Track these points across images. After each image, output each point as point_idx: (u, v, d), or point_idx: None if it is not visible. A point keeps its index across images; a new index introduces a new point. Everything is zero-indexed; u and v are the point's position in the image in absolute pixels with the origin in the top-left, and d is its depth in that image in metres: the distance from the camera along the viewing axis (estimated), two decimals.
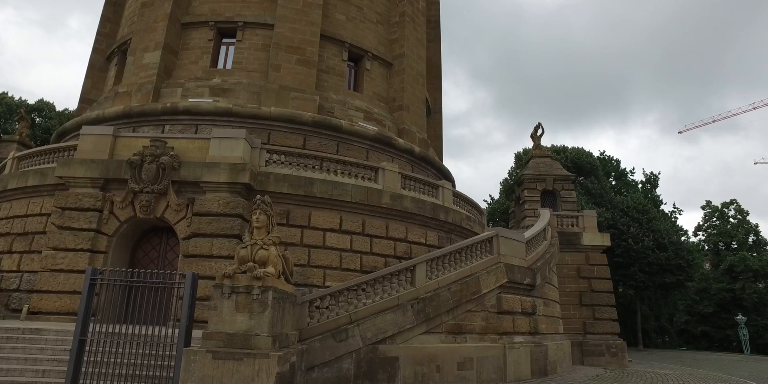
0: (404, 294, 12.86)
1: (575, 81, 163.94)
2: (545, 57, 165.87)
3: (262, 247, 9.00)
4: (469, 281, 14.05)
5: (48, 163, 16.67)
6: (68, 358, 9.86)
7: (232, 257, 14.13)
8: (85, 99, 23.36)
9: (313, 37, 20.48)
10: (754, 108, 79.33)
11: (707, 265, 52.98)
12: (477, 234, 20.55)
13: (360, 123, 20.34)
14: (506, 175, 47.45)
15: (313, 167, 16.30)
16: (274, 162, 16.11)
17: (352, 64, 22.61)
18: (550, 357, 16.41)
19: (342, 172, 16.60)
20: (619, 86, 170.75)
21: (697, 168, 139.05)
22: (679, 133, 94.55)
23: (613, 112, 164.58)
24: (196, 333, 9.30)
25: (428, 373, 12.46)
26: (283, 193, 15.52)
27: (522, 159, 46.62)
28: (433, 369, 12.58)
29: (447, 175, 24.15)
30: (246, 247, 9.03)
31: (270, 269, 8.83)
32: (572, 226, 24.02)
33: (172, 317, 12.79)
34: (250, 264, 8.77)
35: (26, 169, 17.00)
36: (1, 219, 16.53)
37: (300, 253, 15.17)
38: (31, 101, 41.78)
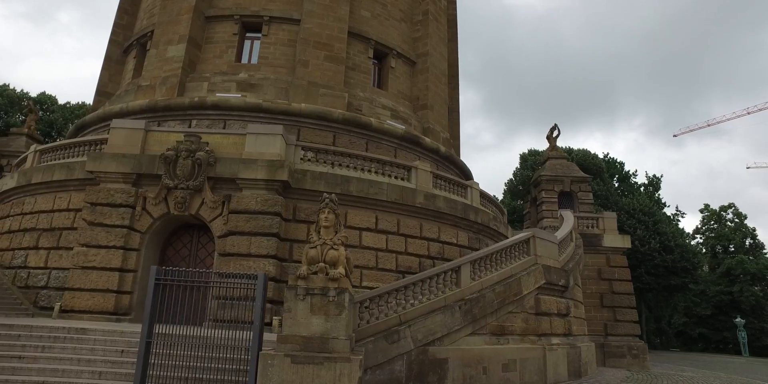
0: (450, 295, 12.69)
1: (563, 84, 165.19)
2: (534, 60, 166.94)
3: (332, 248, 8.75)
4: (511, 282, 13.94)
5: (74, 156, 16.22)
6: (122, 359, 9.59)
7: (271, 256, 13.99)
8: (102, 92, 22.82)
9: (341, 33, 20.20)
10: (748, 113, 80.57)
11: (705, 268, 53.59)
12: (503, 234, 20.54)
13: (388, 121, 20.11)
14: (511, 176, 47.53)
15: (348, 165, 16.05)
16: (309, 159, 15.83)
17: (376, 61, 22.36)
18: (583, 358, 16.38)
19: (376, 171, 16.38)
20: (606, 89, 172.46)
21: (683, 172, 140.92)
22: (674, 136, 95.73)
23: (600, 114, 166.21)
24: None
25: (476, 375, 12.31)
26: (319, 191, 15.14)
27: (528, 160, 46.75)
28: (480, 370, 12.44)
29: (468, 175, 24.04)
30: (315, 247, 8.76)
31: (341, 270, 8.60)
32: (591, 227, 24.05)
33: (209, 317, 12.55)
34: (321, 265, 8.53)
35: (51, 162, 16.51)
36: (26, 214, 16.03)
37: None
38: (33, 94, 40.74)
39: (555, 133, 28.79)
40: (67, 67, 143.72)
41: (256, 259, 13.77)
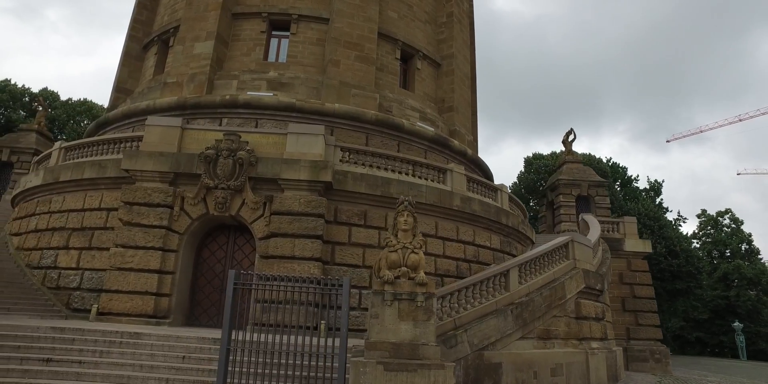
0: (501, 299, 12.57)
1: (550, 89, 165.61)
2: (520, 65, 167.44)
3: (413, 251, 8.56)
4: (556, 286, 13.87)
5: (105, 154, 15.77)
6: (185, 365, 9.29)
7: (316, 259, 13.72)
8: (121, 88, 22.31)
9: (371, 33, 20.01)
10: (740, 120, 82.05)
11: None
12: (529, 237, 20.52)
13: (418, 123, 19.97)
14: (515, 180, 47.62)
15: (386, 167, 15.84)
16: (347, 161, 15.59)
17: (402, 62, 22.20)
18: (618, 362, 16.40)
19: (413, 173, 16.21)
20: (591, 95, 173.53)
21: (666, 177, 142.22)
22: (667, 141, 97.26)
23: (585, 120, 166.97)
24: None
25: (527, 380, 12.21)
26: (360, 192, 15.05)
27: (532, 164, 46.94)
28: (531, 375, 12.33)
29: (490, 178, 23.97)
30: (396, 250, 8.56)
31: (423, 274, 8.41)
32: (611, 231, 24.13)
33: (249, 321, 12.26)
34: (404, 269, 8.34)
35: (80, 160, 16.02)
36: (53, 212, 15.54)
37: (378, 256, 14.68)
38: (34, 90, 39.69)
39: (571, 138, 28.93)
40: (55, 65, 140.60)
41: (300, 261, 13.49)
